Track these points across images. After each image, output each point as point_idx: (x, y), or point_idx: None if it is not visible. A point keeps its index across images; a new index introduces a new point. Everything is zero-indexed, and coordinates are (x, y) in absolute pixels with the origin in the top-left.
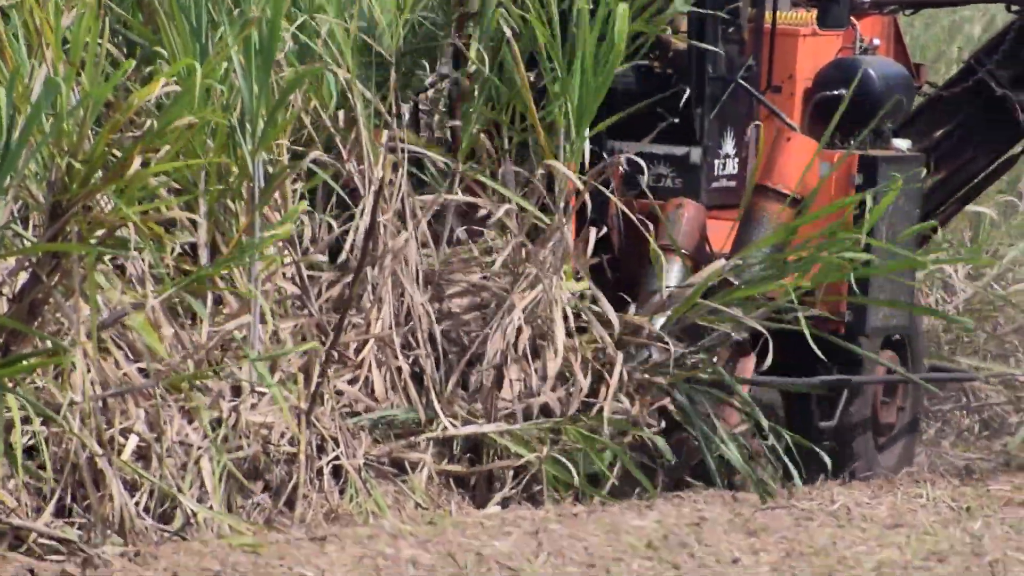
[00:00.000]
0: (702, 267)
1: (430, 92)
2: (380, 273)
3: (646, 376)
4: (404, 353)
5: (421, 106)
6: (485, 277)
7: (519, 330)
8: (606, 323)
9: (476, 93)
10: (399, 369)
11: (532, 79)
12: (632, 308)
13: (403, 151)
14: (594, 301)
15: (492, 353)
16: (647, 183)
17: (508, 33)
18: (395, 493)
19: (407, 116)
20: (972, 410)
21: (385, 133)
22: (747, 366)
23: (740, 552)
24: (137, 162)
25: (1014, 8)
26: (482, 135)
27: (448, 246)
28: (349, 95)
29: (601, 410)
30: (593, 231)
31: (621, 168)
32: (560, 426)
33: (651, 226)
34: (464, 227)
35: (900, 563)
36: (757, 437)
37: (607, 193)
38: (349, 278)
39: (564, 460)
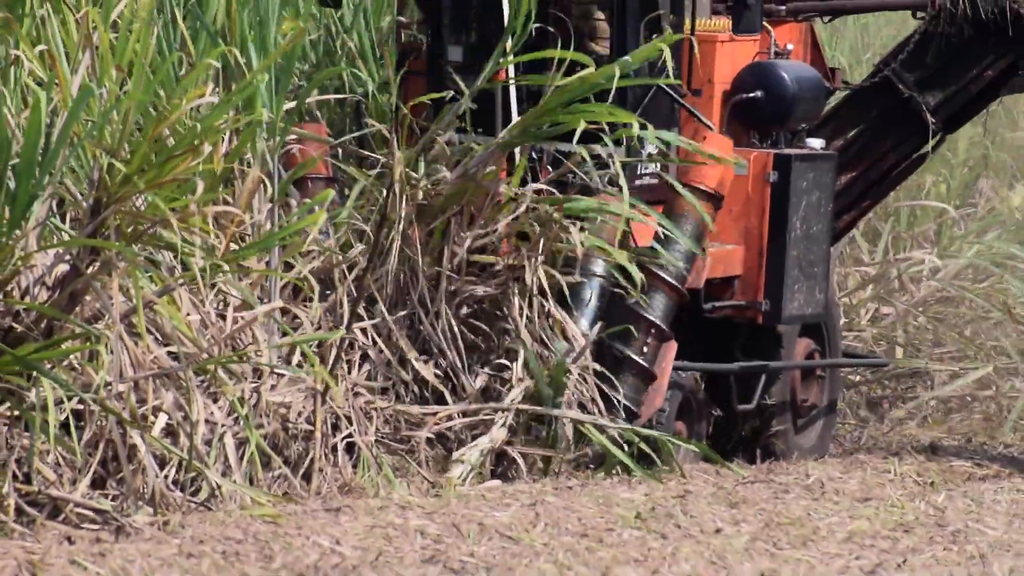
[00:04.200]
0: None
1: None
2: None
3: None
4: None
5: None
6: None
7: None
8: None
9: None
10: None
11: None
12: None
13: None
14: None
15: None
16: (571, 181)
17: None
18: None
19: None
20: (939, 394)
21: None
22: (669, 353)
23: (722, 522)
24: (183, 165)
25: (919, 15)
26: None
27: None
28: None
29: None
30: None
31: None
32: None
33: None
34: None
35: (870, 533)
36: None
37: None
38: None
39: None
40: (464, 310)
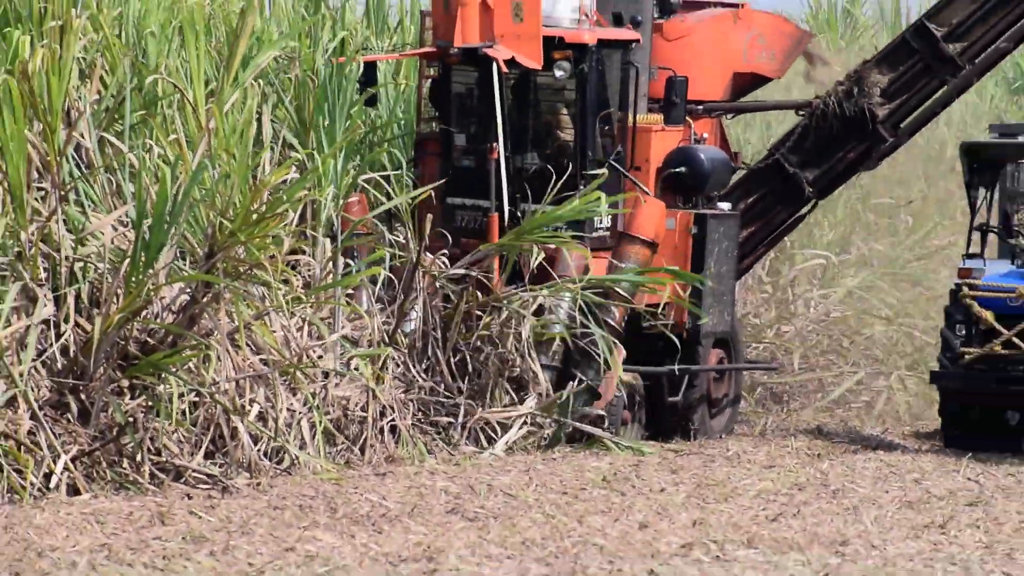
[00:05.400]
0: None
1: None
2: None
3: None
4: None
5: None
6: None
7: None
8: None
9: None
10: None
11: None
12: None
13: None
14: None
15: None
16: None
17: None
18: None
19: None
20: (825, 390)
21: None
22: (618, 359)
23: (665, 484)
24: (272, 225)
25: (801, 113)
26: None
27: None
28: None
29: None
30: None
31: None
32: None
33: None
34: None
35: (773, 491)
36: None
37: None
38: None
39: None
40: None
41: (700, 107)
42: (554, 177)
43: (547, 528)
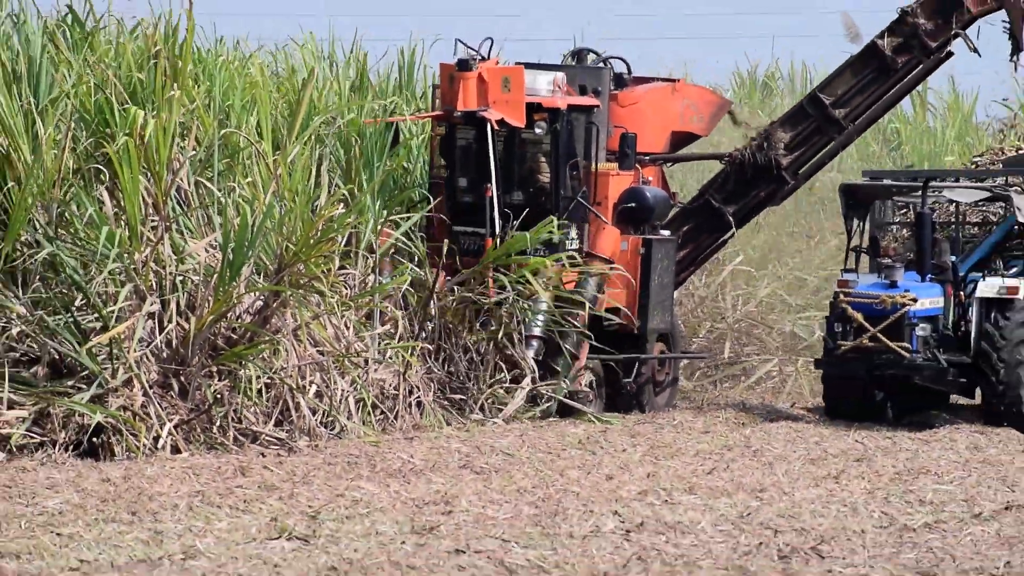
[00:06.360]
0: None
1: None
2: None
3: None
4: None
5: None
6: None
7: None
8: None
9: None
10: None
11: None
12: None
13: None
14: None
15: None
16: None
17: None
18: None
19: None
20: (747, 374)
21: None
22: (584, 349)
23: (626, 446)
24: (326, 247)
25: (723, 161)
26: None
27: None
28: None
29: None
30: None
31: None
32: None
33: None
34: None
35: (708, 451)
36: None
37: None
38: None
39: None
40: (477, 339)
41: (646, 157)
42: (536, 211)
43: (536, 479)
